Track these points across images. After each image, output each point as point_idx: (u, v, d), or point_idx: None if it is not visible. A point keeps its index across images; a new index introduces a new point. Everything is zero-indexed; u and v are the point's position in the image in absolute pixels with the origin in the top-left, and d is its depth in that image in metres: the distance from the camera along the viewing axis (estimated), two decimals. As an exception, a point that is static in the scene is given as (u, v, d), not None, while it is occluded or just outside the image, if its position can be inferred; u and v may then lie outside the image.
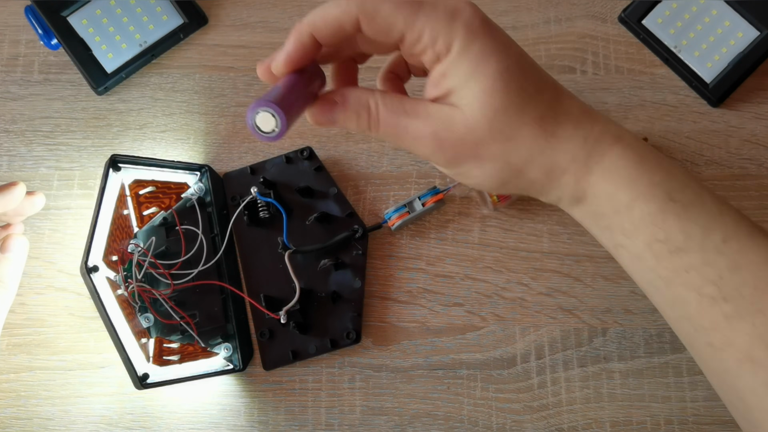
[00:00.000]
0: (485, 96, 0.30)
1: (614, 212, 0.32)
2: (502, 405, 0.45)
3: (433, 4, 0.30)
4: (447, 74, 0.31)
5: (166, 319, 0.43)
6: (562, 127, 0.32)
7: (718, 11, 0.50)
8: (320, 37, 0.31)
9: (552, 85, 0.33)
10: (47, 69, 0.52)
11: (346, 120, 0.32)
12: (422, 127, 0.31)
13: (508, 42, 0.32)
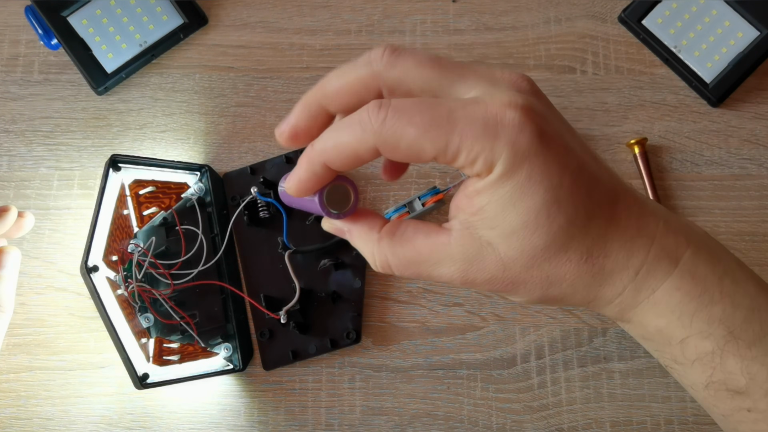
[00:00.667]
0: (526, 232, 0.26)
1: (665, 344, 0.29)
2: (502, 405, 0.45)
3: (469, 118, 0.25)
4: (483, 194, 0.26)
5: (166, 319, 0.43)
6: (612, 260, 0.27)
7: (718, 11, 0.50)
8: (335, 167, 0.27)
9: (608, 198, 0.28)
10: (47, 69, 0.52)
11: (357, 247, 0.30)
12: (447, 272, 0.27)
13: (565, 158, 0.26)
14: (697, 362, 0.28)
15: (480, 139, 0.24)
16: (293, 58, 0.52)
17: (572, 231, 0.26)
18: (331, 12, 0.53)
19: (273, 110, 0.51)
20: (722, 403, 0.28)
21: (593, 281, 0.28)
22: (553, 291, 0.28)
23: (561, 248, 0.27)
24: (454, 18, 0.53)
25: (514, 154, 0.24)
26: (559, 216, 0.26)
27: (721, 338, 0.28)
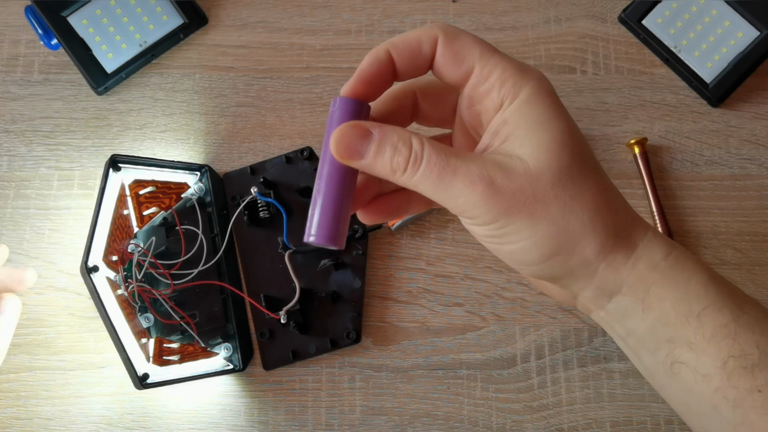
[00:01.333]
0: (555, 147, 0.27)
1: (682, 322, 0.29)
2: (502, 405, 0.45)
3: (509, 56, 0.29)
4: (509, 121, 0.28)
5: (166, 319, 0.43)
6: (626, 212, 0.29)
7: (718, 11, 0.50)
8: (396, 53, 0.28)
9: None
10: (47, 69, 0.52)
11: (378, 154, 0.28)
12: (475, 169, 0.27)
13: (570, 116, 0.29)
14: (714, 337, 0.28)
15: (515, 67, 0.28)
16: (293, 58, 0.52)
17: (591, 163, 0.28)
18: (331, 12, 0.53)
19: (273, 110, 0.51)
20: (736, 384, 0.28)
21: (611, 223, 0.28)
22: (575, 224, 0.27)
23: (585, 172, 0.28)
24: (454, 18, 0.53)
25: (540, 86, 0.27)
26: (579, 145, 0.28)
27: (735, 309, 0.28)
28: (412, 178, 0.27)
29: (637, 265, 0.29)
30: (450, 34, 0.28)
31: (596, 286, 0.29)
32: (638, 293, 0.29)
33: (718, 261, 0.47)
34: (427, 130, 0.40)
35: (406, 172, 0.27)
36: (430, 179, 0.27)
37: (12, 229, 0.48)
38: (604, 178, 0.29)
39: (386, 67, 0.29)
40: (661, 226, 0.47)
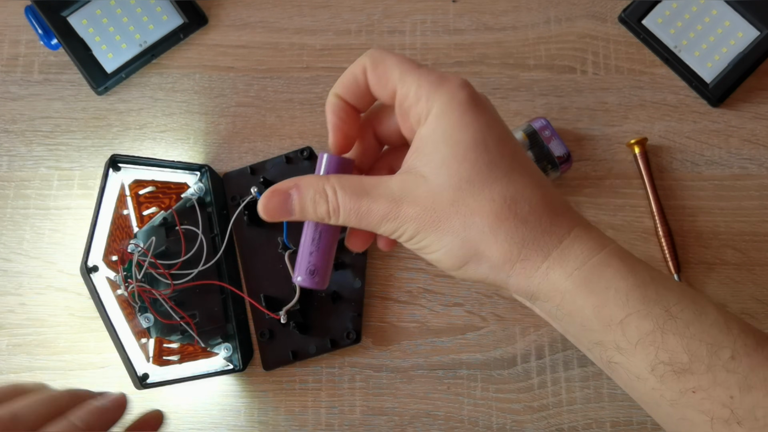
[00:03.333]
0: (453, 162, 0.29)
1: (605, 328, 0.29)
2: (503, 405, 0.45)
3: (430, 69, 0.30)
4: (422, 137, 0.30)
5: (166, 319, 0.43)
6: (536, 215, 0.29)
7: (719, 11, 0.50)
8: (343, 93, 0.31)
9: (534, 172, 0.31)
10: (47, 69, 0.52)
11: (303, 210, 0.31)
12: (383, 203, 0.29)
13: (495, 119, 0.30)
14: (640, 344, 0.29)
15: (430, 82, 0.29)
16: (293, 58, 0.52)
17: (496, 173, 0.29)
18: (331, 12, 0.53)
19: (273, 110, 0.51)
20: (669, 386, 0.29)
21: (516, 232, 0.29)
22: (475, 235, 0.29)
23: (485, 183, 0.29)
24: (454, 18, 0.53)
25: (451, 99, 0.29)
26: (485, 155, 0.29)
27: (660, 317, 0.28)
28: (338, 221, 0.30)
29: (549, 274, 0.29)
30: (375, 60, 0.30)
31: (515, 291, 0.30)
32: (554, 300, 0.29)
33: (718, 261, 0.47)
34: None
35: (332, 219, 0.30)
36: (353, 221, 0.30)
37: (12, 229, 0.48)
38: (516, 183, 0.29)
39: (347, 108, 0.32)
40: (662, 226, 0.47)
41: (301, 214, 0.31)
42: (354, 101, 0.32)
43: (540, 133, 0.48)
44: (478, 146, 0.29)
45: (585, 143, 0.50)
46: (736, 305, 0.47)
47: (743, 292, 0.47)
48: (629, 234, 0.48)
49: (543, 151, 0.47)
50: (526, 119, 0.50)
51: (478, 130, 0.29)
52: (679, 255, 0.47)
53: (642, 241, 0.48)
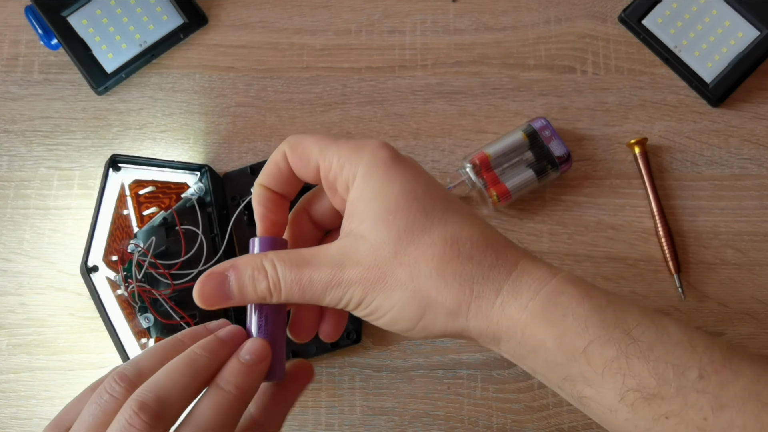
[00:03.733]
0: (388, 216, 0.28)
1: (570, 360, 0.28)
2: (503, 405, 0.45)
3: (347, 138, 0.31)
4: (353, 201, 0.30)
5: (166, 319, 0.43)
6: (479, 252, 0.29)
7: (718, 11, 0.50)
8: (268, 183, 0.32)
9: (464, 209, 0.30)
10: (47, 69, 0.52)
11: (243, 291, 0.29)
12: (326, 270, 0.29)
13: (418, 169, 0.30)
14: (607, 372, 0.28)
15: (350, 150, 0.30)
16: (293, 58, 0.52)
17: (432, 217, 0.29)
18: (331, 12, 0.53)
19: (273, 110, 0.51)
20: (642, 415, 0.28)
21: (463, 270, 0.28)
22: (424, 283, 0.28)
23: (424, 229, 0.28)
24: (454, 18, 0.53)
25: (373, 158, 0.29)
26: (417, 203, 0.29)
27: (621, 341, 0.28)
28: (281, 298, 0.29)
29: (506, 308, 0.28)
30: (292, 144, 0.31)
31: (477, 335, 0.29)
32: (516, 337, 0.28)
33: (718, 261, 0.47)
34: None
35: (274, 296, 0.29)
36: (296, 295, 0.29)
37: (12, 229, 0.48)
38: (454, 224, 0.29)
39: (272, 197, 0.32)
40: (662, 226, 0.47)
41: (240, 296, 0.30)
42: (280, 189, 0.32)
43: (540, 133, 0.48)
44: (409, 196, 0.29)
45: (585, 143, 0.50)
46: (736, 305, 0.47)
47: (743, 292, 0.47)
48: (629, 234, 0.48)
49: (543, 151, 0.47)
50: (526, 119, 0.50)
51: (406, 181, 0.29)
52: (679, 255, 0.47)
53: (642, 241, 0.48)
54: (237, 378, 0.28)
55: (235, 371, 0.28)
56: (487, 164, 0.47)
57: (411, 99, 0.51)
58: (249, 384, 0.28)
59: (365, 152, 0.29)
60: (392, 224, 0.28)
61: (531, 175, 0.47)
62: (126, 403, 0.26)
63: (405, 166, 0.30)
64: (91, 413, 0.27)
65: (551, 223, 0.48)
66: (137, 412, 0.25)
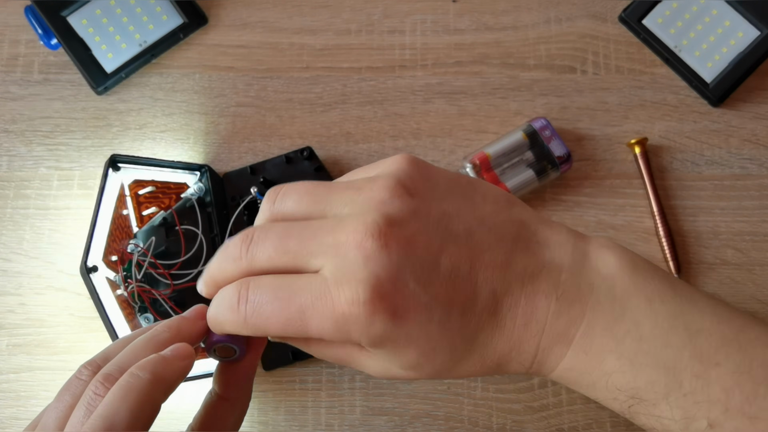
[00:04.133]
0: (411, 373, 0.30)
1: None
2: (503, 405, 0.45)
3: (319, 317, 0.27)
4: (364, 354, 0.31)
5: (165, 319, 0.43)
6: (505, 360, 0.30)
7: (719, 11, 0.50)
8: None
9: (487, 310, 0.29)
10: (47, 69, 0.52)
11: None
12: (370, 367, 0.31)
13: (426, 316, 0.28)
14: (620, 412, 0.30)
15: (336, 334, 0.26)
16: (293, 58, 0.52)
17: (456, 357, 0.28)
18: (331, 12, 0.53)
19: (273, 110, 0.51)
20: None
21: (490, 371, 0.29)
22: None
23: (453, 368, 0.29)
24: (455, 18, 0.53)
25: (371, 340, 0.26)
26: (437, 358, 0.28)
27: (625, 402, 0.29)
28: None
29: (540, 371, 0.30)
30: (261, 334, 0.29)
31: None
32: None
33: (718, 261, 0.47)
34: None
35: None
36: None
37: (12, 229, 0.48)
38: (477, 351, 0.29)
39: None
40: (662, 226, 0.47)
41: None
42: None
43: (540, 133, 0.47)
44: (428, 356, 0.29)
45: (585, 143, 0.50)
46: (737, 306, 0.46)
47: (743, 292, 0.47)
48: (630, 234, 0.48)
49: (543, 151, 0.47)
50: (527, 119, 0.50)
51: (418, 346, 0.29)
52: (680, 255, 0.47)
53: (642, 242, 0.48)
54: (152, 365, 0.28)
55: (153, 360, 0.28)
56: (488, 164, 0.47)
57: (411, 99, 0.51)
58: (163, 371, 0.28)
59: (356, 334, 0.27)
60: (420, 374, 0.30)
61: (531, 175, 0.47)
62: (92, 379, 0.27)
63: (411, 328, 0.28)
64: (61, 400, 0.28)
65: (551, 223, 0.48)
66: (102, 382, 0.26)
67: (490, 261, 0.28)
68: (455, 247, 0.28)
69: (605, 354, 0.28)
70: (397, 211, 0.27)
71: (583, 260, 0.30)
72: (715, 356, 0.28)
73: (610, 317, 0.29)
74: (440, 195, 0.29)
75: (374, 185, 0.28)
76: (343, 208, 0.28)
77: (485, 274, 0.28)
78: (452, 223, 0.28)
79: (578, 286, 0.29)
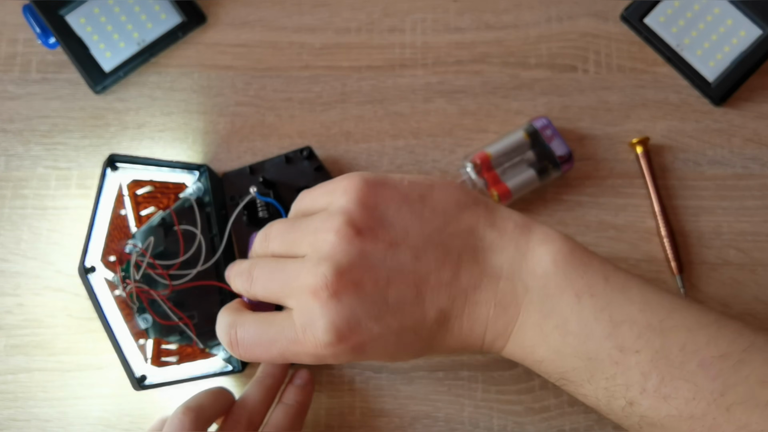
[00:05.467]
0: None
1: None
2: (504, 406, 0.45)
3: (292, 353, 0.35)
4: None
5: (164, 320, 0.43)
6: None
7: (721, 10, 0.50)
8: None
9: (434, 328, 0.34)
10: (45, 68, 0.51)
11: None
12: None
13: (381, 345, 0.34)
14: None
15: (315, 363, 0.35)
16: (293, 57, 0.52)
17: (416, 356, 0.35)
18: (331, 10, 0.53)
19: (272, 109, 0.51)
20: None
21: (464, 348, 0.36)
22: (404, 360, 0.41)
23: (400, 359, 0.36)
24: (455, 16, 0.52)
25: (342, 363, 0.41)
26: (399, 360, 0.37)
27: (557, 381, 0.35)
28: None
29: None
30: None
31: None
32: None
33: (720, 261, 0.47)
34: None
35: None
36: None
37: (9, 230, 0.48)
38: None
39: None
40: (664, 226, 0.47)
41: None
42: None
43: (542, 132, 0.47)
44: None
45: (586, 143, 0.49)
46: (739, 306, 0.46)
47: (745, 292, 0.47)
48: (631, 234, 0.48)
49: (544, 150, 0.47)
50: (528, 118, 0.50)
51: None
52: (682, 255, 0.47)
53: (644, 242, 0.48)
54: (296, 396, 0.41)
55: (294, 391, 0.42)
56: (488, 164, 0.47)
57: (411, 98, 0.51)
58: (304, 398, 0.42)
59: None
60: None
61: (532, 175, 0.46)
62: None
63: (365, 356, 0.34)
64: None
65: (552, 224, 0.48)
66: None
67: (436, 282, 0.33)
68: (401, 277, 0.32)
69: (536, 347, 0.33)
70: (345, 257, 0.32)
71: (521, 262, 0.34)
72: (636, 344, 0.31)
73: (541, 315, 0.33)
74: (389, 221, 0.33)
75: (326, 225, 0.33)
76: (306, 249, 0.34)
77: (432, 296, 0.33)
78: (399, 251, 0.33)
79: (514, 290, 0.33)
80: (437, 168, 0.49)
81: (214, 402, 0.39)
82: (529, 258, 0.34)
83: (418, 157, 0.49)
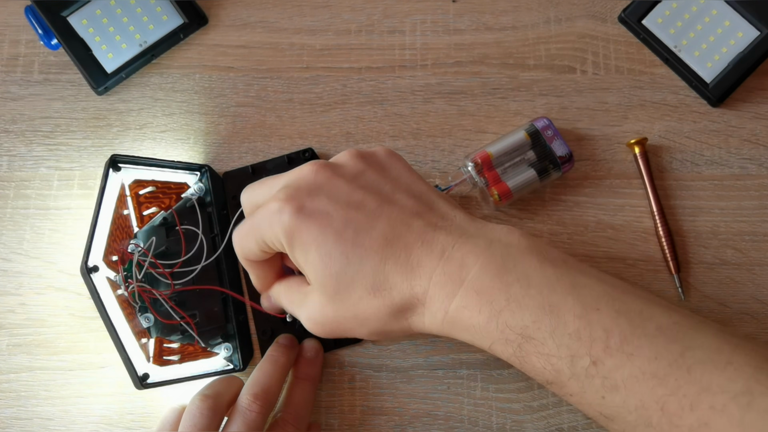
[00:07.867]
0: (319, 285, 0.36)
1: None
2: (503, 405, 0.45)
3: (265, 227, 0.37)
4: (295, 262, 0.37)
5: (166, 319, 0.43)
6: (397, 291, 0.34)
7: (718, 11, 0.50)
8: (252, 256, 0.40)
9: (379, 243, 0.34)
10: (47, 69, 0.52)
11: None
12: (303, 314, 0.38)
13: (325, 222, 0.34)
14: (512, 359, 0.34)
15: (269, 231, 0.36)
16: (293, 58, 0.52)
17: (350, 273, 0.34)
18: (331, 12, 0.53)
19: (273, 110, 0.51)
20: (554, 391, 0.34)
21: (392, 311, 0.34)
22: (372, 326, 0.35)
23: (348, 289, 0.34)
24: (454, 18, 0.53)
25: (283, 229, 0.35)
26: (333, 264, 0.34)
27: (515, 341, 0.32)
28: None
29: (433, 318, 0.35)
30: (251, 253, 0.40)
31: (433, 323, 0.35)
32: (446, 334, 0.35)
33: (718, 261, 0.47)
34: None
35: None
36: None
37: (12, 229, 0.48)
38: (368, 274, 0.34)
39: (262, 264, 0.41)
40: (661, 226, 0.47)
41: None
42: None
43: (542, 132, 0.48)
44: (324, 259, 0.35)
45: (585, 143, 0.50)
46: (736, 305, 0.47)
47: (743, 292, 0.47)
48: (629, 234, 0.48)
49: (545, 150, 0.47)
50: (527, 119, 0.50)
51: (318, 246, 0.35)
52: (679, 255, 0.47)
53: (642, 242, 0.48)
54: (308, 369, 0.44)
55: (305, 364, 0.44)
56: (489, 163, 0.47)
57: (411, 99, 0.51)
58: (316, 370, 0.44)
59: (277, 227, 0.36)
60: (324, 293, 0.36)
61: (532, 175, 0.47)
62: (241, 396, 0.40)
63: (312, 225, 0.35)
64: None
65: (551, 223, 0.48)
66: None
67: (398, 211, 0.35)
68: (372, 193, 0.35)
69: (495, 293, 0.32)
70: (342, 161, 0.37)
71: (484, 228, 0.35)
72: (596, 303, 0.32)
73: (502, 268, 0.33)
74: (351, 174, 0.37)
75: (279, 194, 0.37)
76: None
77: (390, 216, 0.35)
78: (380, 184, 0.36)
79: (475, 241, 0.34)
80: (437, 168, 0.49)
81: (229, 388, 0.41)
82: (494, 230, 0.35)
83: (417, 158, 0.50)
